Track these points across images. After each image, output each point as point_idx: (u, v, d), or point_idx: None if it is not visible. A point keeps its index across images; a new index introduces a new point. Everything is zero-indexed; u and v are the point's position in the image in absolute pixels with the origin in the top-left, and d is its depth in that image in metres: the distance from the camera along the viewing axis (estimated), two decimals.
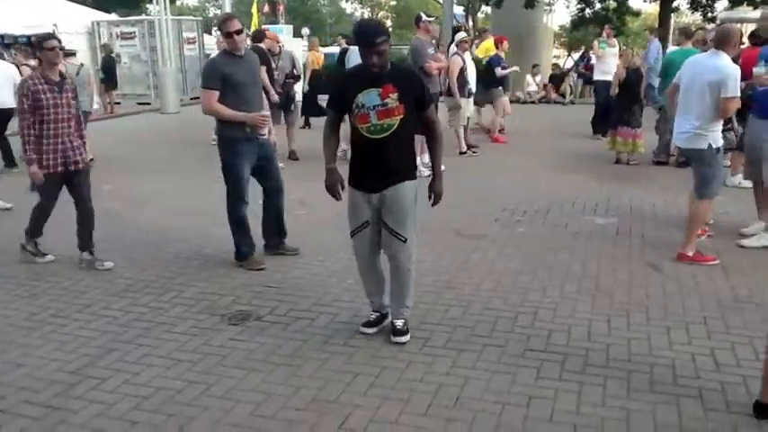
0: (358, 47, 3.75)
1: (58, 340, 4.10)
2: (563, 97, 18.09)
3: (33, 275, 5.22)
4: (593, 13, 23.00)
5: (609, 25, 14.42)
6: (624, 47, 14.42)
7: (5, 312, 4.54)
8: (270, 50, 9.21)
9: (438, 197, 3.97)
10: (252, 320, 4.35)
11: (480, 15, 35.32)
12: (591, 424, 3.15)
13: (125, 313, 4.49)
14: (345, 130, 4.17)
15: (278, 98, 8.81)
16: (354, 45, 5.43)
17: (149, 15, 22.19)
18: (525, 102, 17.32)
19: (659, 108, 9.39)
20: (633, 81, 9.21)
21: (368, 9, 57.02)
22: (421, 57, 8.27)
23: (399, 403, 3.33)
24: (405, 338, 3.97)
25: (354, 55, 3.73)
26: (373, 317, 4.16)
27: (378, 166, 3.80)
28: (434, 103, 4.06)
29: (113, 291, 4.89)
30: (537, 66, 18.82)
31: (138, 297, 4.77)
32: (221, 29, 5.14)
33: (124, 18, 21.73)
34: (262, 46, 8.89)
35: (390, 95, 3.69)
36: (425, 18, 8.70)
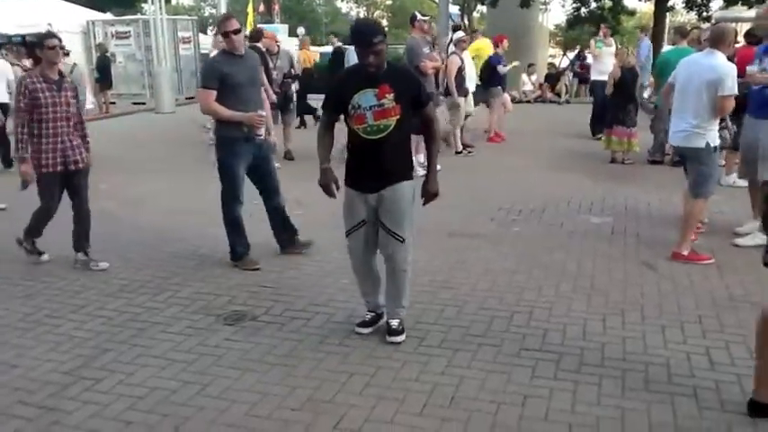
0: (354, 47, 3.75)
1: (53, 341, 4.09)
2: (558, 97, 18.14)
3: (28, 276, 5.20)
4: (588, 13, 23.03)
5: (605, 24, 14.41)
6: (619, 46, 14.42)
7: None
8: (268, 50, 9.20)
9: (432, 196, 3.94)
10: (247, 320, 4.34)
11: (476, 15, 35.34)
12: (586, 423, 3.16)
13: (120, 314, 4.49)
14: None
15: (276, 98, 8.81)
16: (351, 45, 5.41)
17: (144, 15, 22.14)
18: (521, 101, 17.34)
19: (654, 107, 9.41)
20: (628, 80, 9.23)
21: (363, 8, 57.00)
22: (416, 56, 8.27)
23: (395, 403, 3.33)
24: (400, 338, 3.97)
25: (354, 55, 3.73)
26: (368, 317, 4.16)
27: (374, 167, 3.79)
28: (432, 102, 4.06)
29: (108, 291, 4.88)
30: (533, 65, 18.85)
31: (134, 297, 4.77)
32: (219, 28, 5.15)
33: (119, 17, 21.67)
34: (259, 45, 8.86)
35: (387, 96, 3.68)
36: (420, 17, 8.71)
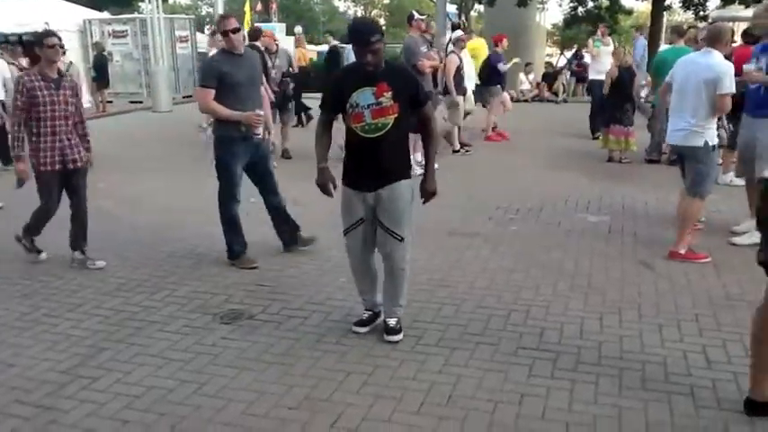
0: (352, 45, 3.75)
1: (50, 340, 4.09)
2: (556, 96, 18.13)
3: (25, 275, 5.19)
4: (585, 12, 23.02)
5: (603, 24, 14.40)
6: (617, 45, 14.42)
7: None
8: (267, 49, 9.18)
9: (430, 195, 3.94)
10: (244, 319, 4.34)
11: (473, 14, 35.31)
12: (583, 421, 3.16)
13: (117, 312, 4.48)
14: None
15: (274, 97, 8.79)
16: (348, 44, 5.42)
17: (141, 14, 22.11)
18: (518, 100, 17.32)
19: (652, 106, 9.41)
20: (626, 80, 9.22)
21: (361, 7, 56.97)
22: (414, 55, 8.27)
23: (392, 401, 3.33)
24: (398, 337, 3.97)
25: (353, 54, 3.75)
26: (366, 315, 4.15)
27: (373, 166, 3.79)
28: (431, 101, 4.05)
29: (105, 290, 4.88)
30: (530, 64, 18.84)
31: (130, 296, 4.76)
32: (218, 27, 5.15)
33: (116, 16, 21.63)
34: (258, 44, 8.85)
35: (385, 94, 3.68)
36: (418, 16, 8.72)
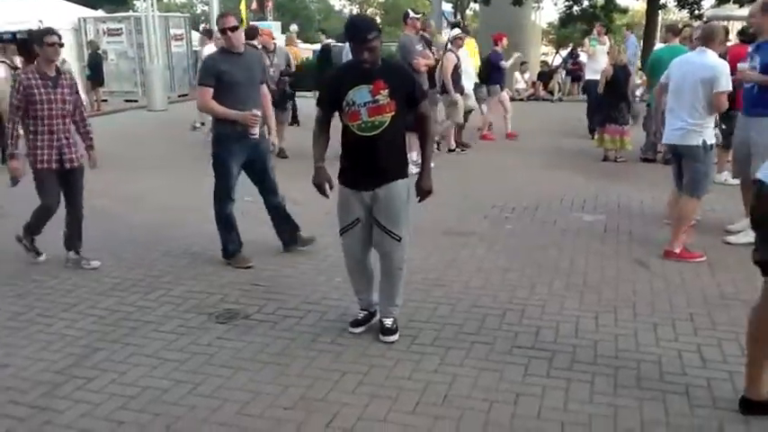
0: (349, 43, 3.73)
1: (45, 340, 4.07)
2: (551, 94, 18.15)
3: (19, 274, 5.17)
4: (580, 11, 23.06)
5: (600, 23, 14.40)
6: (611, 43, 14.41)
7: None
8: (265, 47, 9.16)
9: (426, 193, 3.92)
10: (239, 319, 4.33)
11: (469, 12, 35.31)
12: (578, 421, 3.16)
13: (112, 312, 4.47)
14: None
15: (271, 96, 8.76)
16: (342, 42, 5.41)
17: (136, 12, 22.05)
18: (514, 99, 17.33)
19: (647, 105, 9.41)
20: (621, 78, 9.22)
21: (356, 6, 56.90)
22: (409, 53, 8.28)
23: (387, 401, 3.33)
24: (393, 338, 3.96)
25: (350, 52, 3.76)
26: (361, 315, 4.14)
27: (369, 164, 3.77)
28: (428, 99, 4.05)
29: (100, 290, 4.86)
30: (525, 63, 18.84)
31: (125, 296, 4.75)
32: (217, 25, 5.15)
33: (111, 14, 21.56)
34: (254, 43, 8.81)
35: (381, 92, 3.66)
36: (413, 15, 8.72)
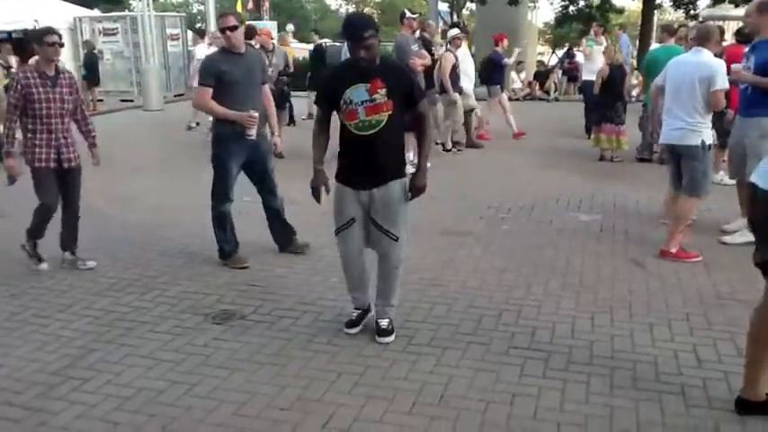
0: (346, 41, 3.72)
1: (40, 340, 4.06)
2: (548, 94, 18.16)
3: (14, 275, 5.15)
4: (576, 11, 23.06)
5: (597, 23, 14.37)
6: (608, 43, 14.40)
7: None
8: (263, 47, 9.15)
9: (418, 190, 3.87)
10: (236, 319, 4.32)
11: (465, 12, 35.35)
12: (574, 421, 3.16)
13: (107, 313, 4.45)
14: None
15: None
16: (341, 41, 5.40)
17: (132, 11, 22.01)
18: (510, 99, 17.31)
19: (643, 105, 9.43)
20: (617, 78, 9.24)
21: (353, 5, 56.85)
22: (405, 53, 8.28)
23: (384, 402, 3.33)
24: (389, 339, 3.95)
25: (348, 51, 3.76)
26: (355, 315, 4.13)
27: (367, 164, 3.76)
28: (426, 99, 4.04)
29: (96, 290, 4.85)
30: (521, 63, 18.84)
31: (121, 296, 4.73)
32: (218, 25, 5.16)
33: (107, 14, 21.52)
34: (252, 43, 8.79)
35: (379, 91, 3.65)
36: (410, 15, 8.72)
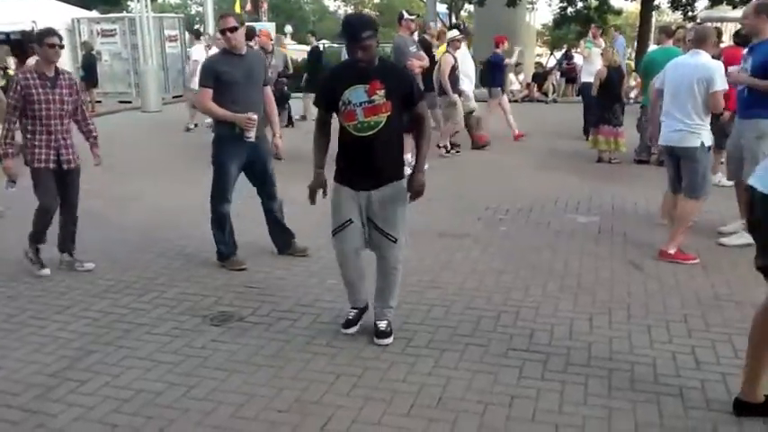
0: (345, 41, 3.71)
1: (37, 342, 4.05)
2: (546, 96, 18.20)
3: (12, 277, 5.14)
4: (575, 12, 23.12)
5: (595, 25, 14.38)
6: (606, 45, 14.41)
7: None
8: (263, 48, 9.17)
9: (418, 192, 3.85)
10: (234, 321, 4.32)
11: (464, 14, 35.37)
12: (573, 423, 3.16)
13: (105, 314, 4.45)
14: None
15: None
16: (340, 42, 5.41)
17: (130, 13, 22.01)
18: (508, 100, 17.33)
19: (641, 106, 9.43)
20: (615, 80, 9.24)
21: (351, 6, 56.86)
22: (403, 55, 8.28)
23: (382, 404, 3.33)
24: (388, 341, 3.95)
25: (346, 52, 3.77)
26: (352, 314, 4.12)
27: (365, 165, 3.75)
28: (425, 100, 4.04)
29: (94, 292, 4.84)
30: (520, 64, 18.87)
31: (119, 298, 4.73)
32: (218, 26, 5.17)
33: (105, 15, 21.52)
34: (251, 44, 8.81)
35: (377, 92, 3.64)
36: (407, 16, 8.72)
